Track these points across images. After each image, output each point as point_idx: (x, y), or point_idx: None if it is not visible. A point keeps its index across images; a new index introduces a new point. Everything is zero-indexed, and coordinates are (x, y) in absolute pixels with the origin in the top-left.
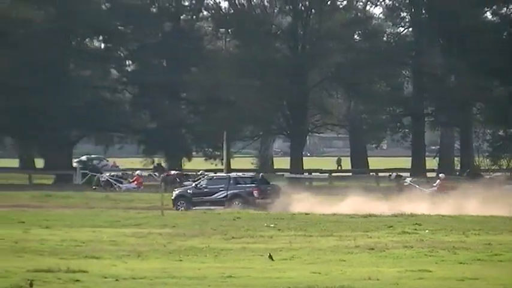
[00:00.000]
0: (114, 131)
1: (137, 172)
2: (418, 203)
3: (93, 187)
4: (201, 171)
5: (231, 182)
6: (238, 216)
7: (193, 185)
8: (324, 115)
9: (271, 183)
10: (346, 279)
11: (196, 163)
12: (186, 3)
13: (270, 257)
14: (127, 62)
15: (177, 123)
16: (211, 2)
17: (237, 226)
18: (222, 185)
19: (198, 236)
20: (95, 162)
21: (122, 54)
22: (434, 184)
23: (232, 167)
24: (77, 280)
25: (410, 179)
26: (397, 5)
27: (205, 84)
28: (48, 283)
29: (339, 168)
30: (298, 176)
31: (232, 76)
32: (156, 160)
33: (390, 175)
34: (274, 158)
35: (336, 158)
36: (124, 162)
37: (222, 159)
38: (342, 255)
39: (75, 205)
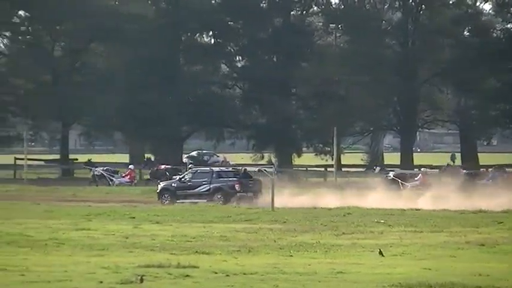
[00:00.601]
0: (225, 126)
1: (130, 166)
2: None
3: (90, 182)
4: (190, 165)
5: (214, 175)
6: (348, 212)
7: (177, 178)
8: (434, 111)
9: (253, 177)
10: (456, 275)
11: (306, 158)
12: None
13: (380, 252)
14: (237, 58)
15: (287, 118)
16: None
17: (347, 222)
18: (205, 179)
19: (309, 231)
20: (205, 157)
21: (232, 50)
22: (416, 178)
23: (342, 163)
24: (187, 275)
25: (393, 173)
26: (506, 0)
27: (316, 79)
28: (158, 278)
29: (453, 164)
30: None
31: (342, 72)
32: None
33: (374, 168)
34: (384, 154)
35: (449, 154)
36: (234, 158)
37: (332, 155)
38: (452, 251)
39: None
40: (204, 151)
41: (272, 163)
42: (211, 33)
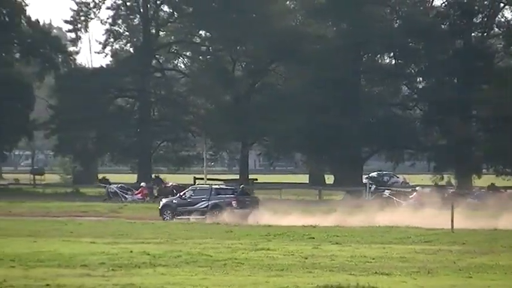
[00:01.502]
0: (405, 147)
1: (142, 184)
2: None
3: (104, 199)
4: (197, 183)
5: (213, 193)
6: None
7: (178, 195)
8: None
9: (251, 195)
10: None
11: (486, 180)
12: (478, 21)
13: None
14: (418, 79)
15: (468, 140)
16: (503, 20)
17: None
18: (204, 196)
19: (488, 253)
20: (385, 178)
21: (412, 71)
22: (411, 196)
23: None
24: None
25: (389, 191)
26: None
27: (496, 101)
28: None
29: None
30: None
31: None
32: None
33: (370, 187)
34: None
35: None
36: (414, 179)
37: None
38: None
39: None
40: (384, 172)
41: (452, 184)
42: (392, 54)
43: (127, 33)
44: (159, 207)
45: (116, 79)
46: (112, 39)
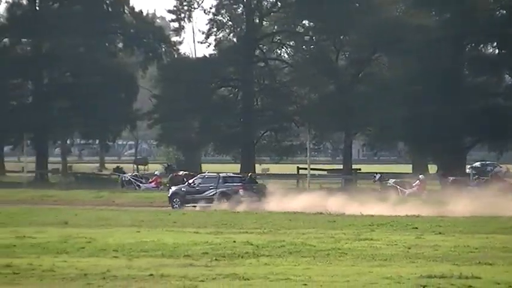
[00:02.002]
0: (509, 137)
1: (156, 172)
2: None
3: (121, 187)
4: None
5: (220, 181)
6: None
7: (187, 183)
8: None
9: (258, 182)
10: None
11: None
12: None
13: None
14: None
15: None
16: None
17: None
18: (212, 184)
19: None
20: (488, 168)
21: None
22: (414, 184)
23: None
24: (470, 286)
25: (393, 180)
26: None
27: None
28: None
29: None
30: None
31: None
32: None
33: (375, 176)
34: None
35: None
36: None
37: None
38: None
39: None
40: (487, 162)
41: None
42: (495, 43)
43: (230, 22)
44: (168, 195)
45: (219, 69)
46: (215, 29)
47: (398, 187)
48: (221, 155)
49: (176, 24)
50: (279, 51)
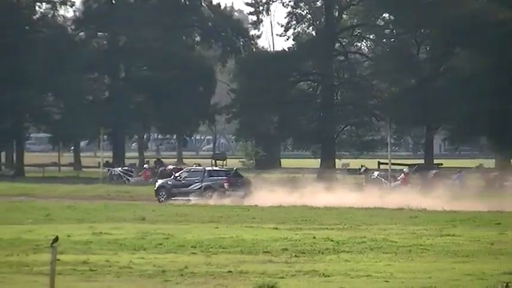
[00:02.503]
0: None
1: (145, 166)
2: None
3: (109, 181)
4: (194, 164)
5: (206, 174)
6: None
7: (173, 176)
8: None
9: (243, 176)
10: None
11: None
12: None
13: None
14: None
15: None
16: None
17: None
18: (198, 177)
19: None
20: None
21: None
22: (399, 178)
23: None
24: None
25: (377, 172)
26: None
27: None
28: None
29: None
30: None
31: None
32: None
33: (360, 168)
34: None
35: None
36: None
37: None
38: None
39: None
40: None
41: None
42: None
43: (309, 15)
44: (155, 189)
45: (298, 63)
46: (294, 22)
47: (383, 180)
48: (300, 150)
49: (254, 18)
50: (359, 45)
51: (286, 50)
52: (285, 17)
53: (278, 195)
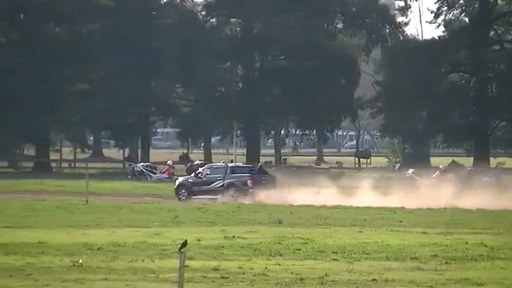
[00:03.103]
0: None
1: (168, 162)
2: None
3: (129, 177)
4: (222, 160)
5: (228, 171)
6: None
7: (194, 174)
8: None
9: (268, 173)
10: None
11: None
12: None
13: None
14: None
15: None
16: None
17: None
18: (220, 174)
19: None
20: None
21: None
22: (434, 175)
23: None
24: None
25: (412, 170)
26: None
27: None
28: None
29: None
30: None
31: None
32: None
33: (394, 166)
34: None
35: None
36: None
37: None
38: None
39: None
40: None
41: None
42: None
43: (462, 1)
44: (175, 187)
45: (449, 52)
46: (445, 8)
47: (416, 177)
48: (452, 147)
49: (402, 3)
50: None
51: (437, 38)
52: (435, 2)
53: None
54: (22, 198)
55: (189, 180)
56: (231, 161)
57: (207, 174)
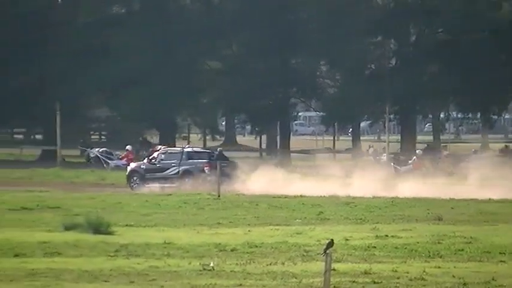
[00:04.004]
0: None
1: (127, 147)
2: None
3: (86, 162)
4: (187, 146)
5: (184, 157)
6: None
7: (146, 159)
8: None
9: (229, 159)
10: None
11: None
12: None
13: None
14: None
15: None
16: None
17: None
18: (175, 160)
19: None
20: None
21: None
22: (410, 161)
23: None
24: None
25: (385, 155)
26: None
27: None
28: None
29: None
30: None
31: None
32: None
33: (368, 150)
34: None
35: None
36: None
37: None
38: None
39: None
40: None
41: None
42: None
43: None
44: (127, 173)
45: None
46: None
47: (392, 164)
48: None
49: None
50: None
51: None
52: None
53: None
54: (143, 193)
55: (142, 166)
56: (383, 149)
57: (162, 160)
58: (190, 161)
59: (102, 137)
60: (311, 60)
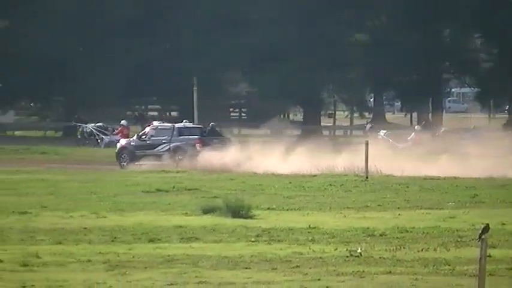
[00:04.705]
0: None
1: (122, 122)
2: None
3: (79, 137)
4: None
5: (175, 133)
6: None
7: (136, 136)
8: None
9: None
10: None
11: None
12: None
13: None
14: None
15: None
16: None
17: None
18: (165, 137)
19: None
20: None
21: None
22: (409, 138)
23: None
24: None
25: (384, 131)
26: None
27: None
28: None
29: None
30: None
31: None
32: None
33: (365, 126)
34: None
35: None
36: None
37: None
38: None
39: None
40: None
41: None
42: None
43: None
44: (116, 151)
45: None
46: None
47: (390, 140)
48: None
49: None
50: None
51: None
52: None
53: None
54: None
55: (132, 143)
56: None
57: (152, 136)
58: (182, 137)
59: (243, 114)
60: (465, 32)
